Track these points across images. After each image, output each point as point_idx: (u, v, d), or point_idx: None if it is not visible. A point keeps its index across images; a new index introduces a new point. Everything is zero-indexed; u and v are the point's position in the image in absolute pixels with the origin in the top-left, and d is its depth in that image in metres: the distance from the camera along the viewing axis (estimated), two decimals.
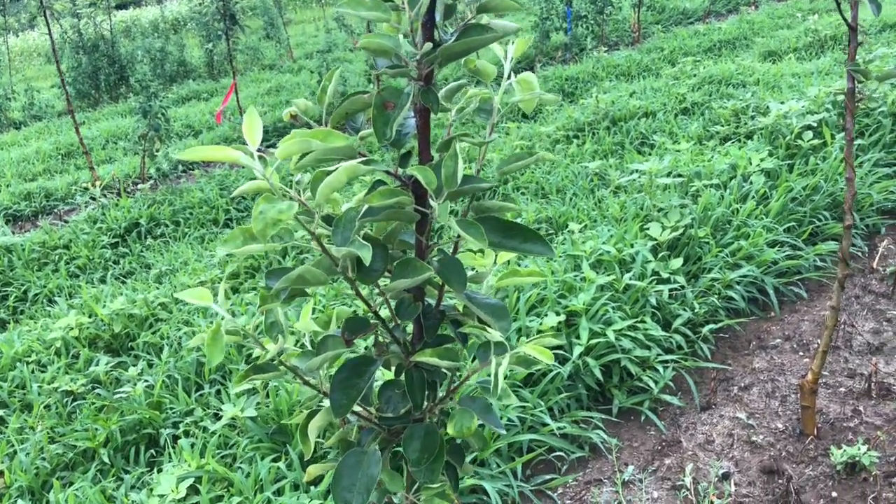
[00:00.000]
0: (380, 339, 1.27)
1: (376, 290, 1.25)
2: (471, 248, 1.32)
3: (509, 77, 1.33)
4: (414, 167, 1.05)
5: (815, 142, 4.99)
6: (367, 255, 1.02)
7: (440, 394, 1.33)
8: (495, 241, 1.15)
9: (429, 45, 1.05)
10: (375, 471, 1.22)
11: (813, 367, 2.88)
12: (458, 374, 1.31)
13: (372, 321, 1.23)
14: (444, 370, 1.25)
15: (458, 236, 1.27)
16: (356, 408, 1.28)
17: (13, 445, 3.33)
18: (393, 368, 1.32)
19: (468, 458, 2.24)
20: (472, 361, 3.01)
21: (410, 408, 1.24)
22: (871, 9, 2.27)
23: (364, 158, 1.05)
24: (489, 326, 1.17)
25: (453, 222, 1.06)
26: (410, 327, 1.32)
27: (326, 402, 1.38)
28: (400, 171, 1.18)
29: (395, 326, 1.28)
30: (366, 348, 1.30)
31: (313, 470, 1.43)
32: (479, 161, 1.28)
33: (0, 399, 3.78)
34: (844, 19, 2.55)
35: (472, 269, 1.43)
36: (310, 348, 1.39)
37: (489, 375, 1.34)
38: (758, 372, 3.44)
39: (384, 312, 1.30)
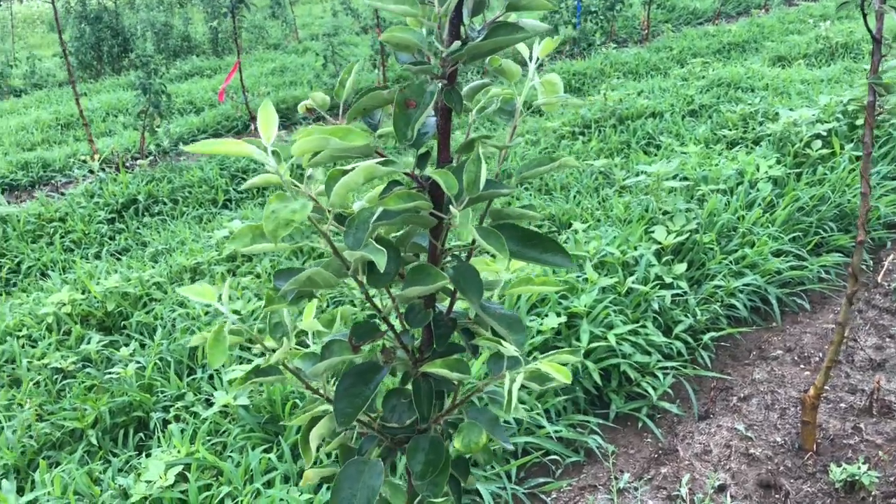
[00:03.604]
0: (387, 344, 1.22)
1: (386, 295, 1.20)
2: (484, 254, 1.27)
3: (533, 77, 1.27)
4: (435, 171, 1.00)
5: (825, 151, 4.94)
6: (381, 261, 0.97)
7: (447, 404, 1.28)
8: (514, 251, 1.10)
9: (457, 42, 0.99)
10: (377, 482, 1.17)
11: (816, 382, 2.84)
12: (467, 384, 1.26)
13: (381, 327, 1.18)
14: (453, 381, 1.20)
15: (474, 242, 1.22)
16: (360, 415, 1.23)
17: (0, 422, 3.27)
18: (399, 376, 1.26)
19: None
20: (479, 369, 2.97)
21: (416, 418, 1.19)
22: None
23: (383, 159, 1.00)
24: (503, 339, 1.12)
25: (474, 231, 1.00)
26: (419, 333, 1.27)
27: (325, 406, 1.33)
28: (417, 172, 1.12)
29: (404, 333, 1.23)
30: (369, 351, 1.25)
31: (310, 474, 1.38)
32: (499, 165, 1.23)
33: None
34: (869, 30, 2.50)
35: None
36: (313, 348, 1.34)
37: (499, 386, 1.29)
38: (758, 383, 3.40)
39: (393, 317, 1.25)
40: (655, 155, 5.81)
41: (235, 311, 3.91)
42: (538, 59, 1.25)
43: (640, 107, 6.98)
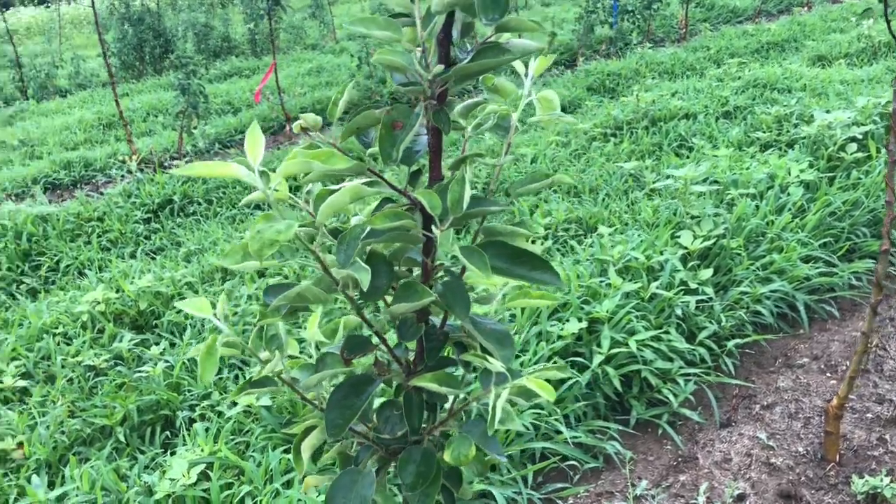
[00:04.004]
0: (380, 358, 1.25)
1: (378, 308, 1.22)
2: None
3: (529, 94, 1.29)
4: (419, 191, 1.02)
5: (859, 155, 4.85)
6: (365, 279, 1.00)
7: (442, 415, 1.30)
8: (502, 268, 1.12)
9: (440, 66, 1.01)
10: (369, 492, 1.19)
11: (839, 391, 2.80)
12: (459, 397, 1.28)
13: (373, 340, 1.20)
14: (443, 394, 1.22)
15: None
16: (353, 425, 1.26)
17: (34, 418, 3.38)
18: (394, 387, 1.29)
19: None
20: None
21: (407, 430, 1.22)
22: None
23: (368, 179, 1.02)
24: (491, 354, 1.14)
25: (457, 249, 1.02)
26: (413, 346, 1.30)
27: (321, 417, 1.36)
28: (409, 190, 1.15)
29: (398, 345, 1.25)
30: (367, 368, 1.28)
31: (311, 481, 1.41)
32: (494, 181, 1.24)
33: (26, 369, 3.84)
34: (893, 36, 2.46)
35: (484, 288, 1.40)
36: (315, 357, 1.37)
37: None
38: (782, 391, 3.36)
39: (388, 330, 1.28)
40: (687, 157, 5.76)
41: None
42: (533, 76, 1.26)
43: (673, 108, 6.92)
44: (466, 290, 1.12)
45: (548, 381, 1.16)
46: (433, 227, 1.04)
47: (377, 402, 1.30)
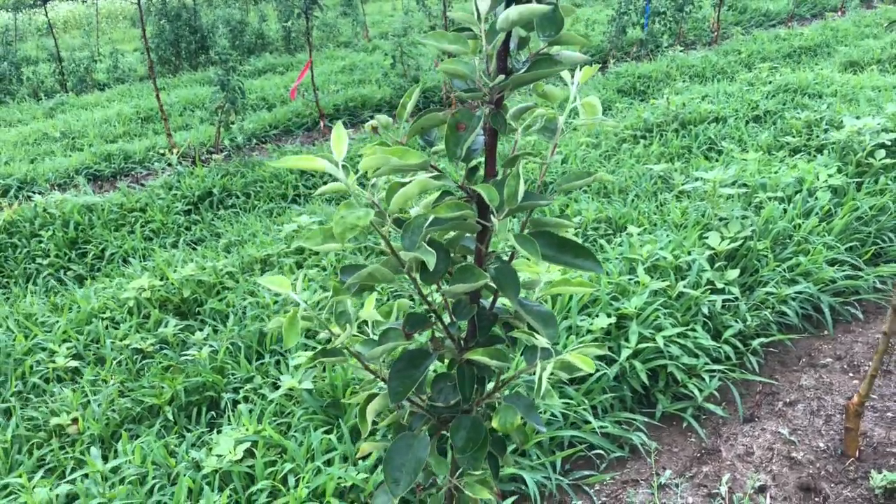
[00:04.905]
0: (436, 334, 1.39)
1: (436, 290, 1.36)
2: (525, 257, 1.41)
3: (574, 100, 1.42)
4: (479, 185, 1.16)
5: (888, 161, 4.92)
6: (431, 261, 1.14)
7: (488, 388, 1.44)
8: (549, 255, 1.25)
9: (501, 76, 1.15)
10: (424, 454, 1.33)
11: (860, 389, 2.90)
12: (505, 372, 1.42)
13: (430, 318, 1.34)
14: (492, 368, 1.36)
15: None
16: (410, 395, 1.40)
17: (87, 396, 3.57)
18: (446, 362, 1.43)
19: (510, 449, 2.35)
20: (520, 358, 3.11)
21: (460, 400, 1.36)
22: None
23: (435, 173, 1.16)
24: (537, 332, 1.27)
25: (511, 238, 1.16)
26: (465, 325, 1.43)
27: (380, 387, 1.51)
28: (466, 184, 1.28)
29: (451, 324, 1.39)
30: (423, 343, 1.42)
31: (366, 447, 1.55)
32: (541, 177, 1.38)
33: (77, 351, 4.03)
34: None
35: (529, 278, 1.53)
36: (372, 336, 1.51)
37: (532, 375, 1.44)
38: (805, 389, 3.46)
39: (442, 310, 1.41)
40: (717, 160, 5.85)
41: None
42: (578, 83, 1.39)
43: (703, 111, 7.00)
44: (516, 275, 1.26)
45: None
46: (491, 217, 1.18)
47: (431, 374, 1.44)
